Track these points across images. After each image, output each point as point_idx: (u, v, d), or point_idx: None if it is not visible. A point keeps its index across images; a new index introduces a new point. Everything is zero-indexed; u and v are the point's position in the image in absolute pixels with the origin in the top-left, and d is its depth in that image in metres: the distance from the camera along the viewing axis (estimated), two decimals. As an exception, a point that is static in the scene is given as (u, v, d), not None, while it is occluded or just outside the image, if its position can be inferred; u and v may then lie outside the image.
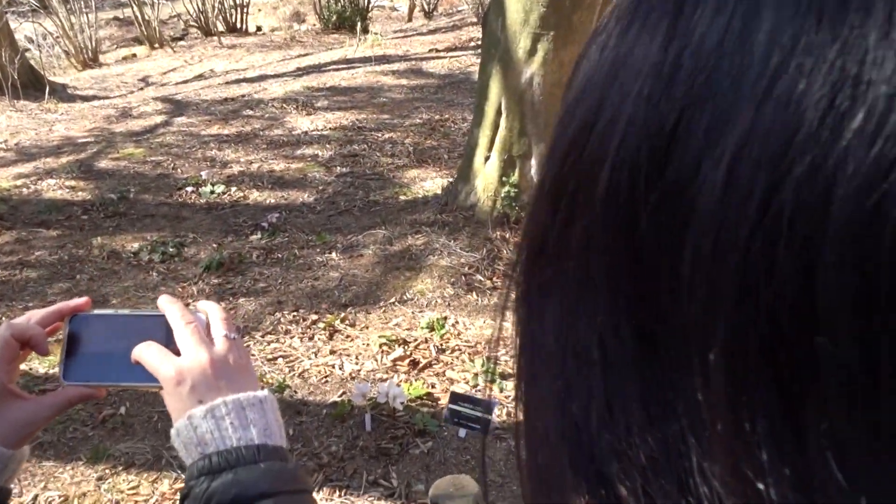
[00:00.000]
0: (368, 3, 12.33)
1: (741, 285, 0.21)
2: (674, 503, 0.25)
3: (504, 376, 2.94)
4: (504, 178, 3.99)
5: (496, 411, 2.57)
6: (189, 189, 4.90)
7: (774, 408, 0.21)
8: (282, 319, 3.35)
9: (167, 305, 0.69)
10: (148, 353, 0.65)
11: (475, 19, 10.97)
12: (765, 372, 0.21)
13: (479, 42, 9.24)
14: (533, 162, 3.95)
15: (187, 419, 0.58)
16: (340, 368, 2.99)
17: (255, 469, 0.55)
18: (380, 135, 5.87)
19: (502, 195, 3.99)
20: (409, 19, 12.97)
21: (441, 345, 3.15)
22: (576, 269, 0.26)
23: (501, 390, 2.86)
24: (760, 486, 0.22)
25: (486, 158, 4.06)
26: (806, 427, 0.21)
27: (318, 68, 8.41)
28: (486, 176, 4.06)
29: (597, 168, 0.24)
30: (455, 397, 2.52)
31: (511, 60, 3.78)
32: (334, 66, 8.40)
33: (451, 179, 4.58)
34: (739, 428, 0.22)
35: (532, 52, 3.69)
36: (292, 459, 0.59)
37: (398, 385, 2.72)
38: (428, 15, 12.62)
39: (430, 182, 4.85)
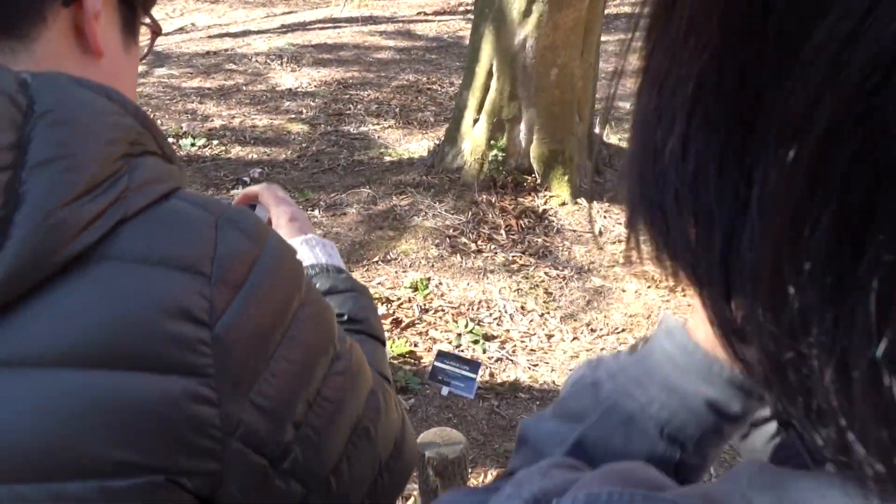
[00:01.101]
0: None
1: (861, 80, 0.20)
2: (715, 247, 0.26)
3: (487, 337, 2.93)
4: (492, 142, 3.95)
5: (479, 372, 2.56)
6: (169, 140, 4.79)
7: (841, 220, 0.21)
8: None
9: (272, 188, 0.96)
10: (271, 193, 0.94)
11: (464, -16, 10.81)
12: (844, 180, 0.21)
13: (470, 8, 9.11)
14: (522, 126, 3.91)
15: (300, 242, 0.88)
16: (322, 324, 2.95)
17: (343, 276, 0.85)
18: (365, 94, 5.77)
19: (490, 158, 3.95)
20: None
21: (424, 305, 3.13)
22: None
23: (485, 351, 2.85)
24: (791, 289, 0.22)
25: (475, 121, 4.01)
26: (863, 244, 0.21)
27: (303, 26, 8.24)
28: (474, 139, 4.01)
29: None
30: (442, 355, 2.50)
31: (505, 21, 3.72)
32: (320, 25, 8.24)
33: (437, 142, 4.53)
34: (799, 228, 0.22)
35: (527, 13, 3.63)
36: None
37: (381, 342, 2.70)
38: (416, -22, 12.40)
39: (415, 144, 4.79)
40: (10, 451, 0.47)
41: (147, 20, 0.68)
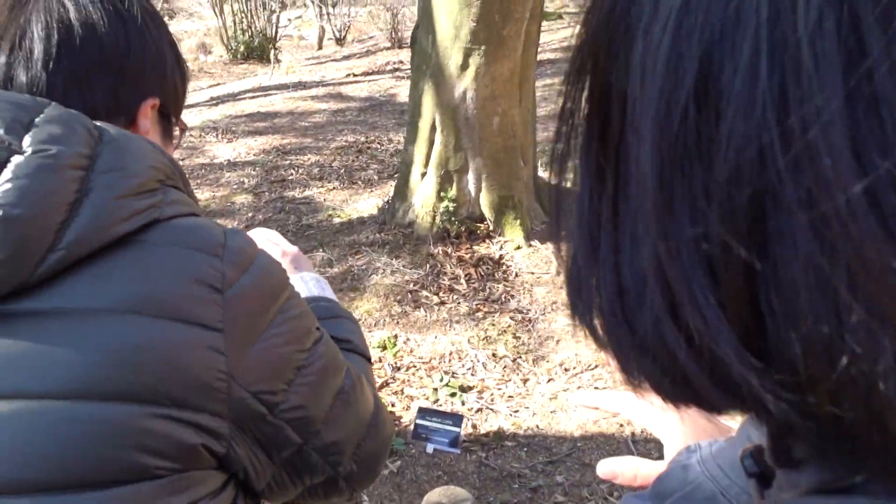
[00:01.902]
0: (276, 32, 12.20)
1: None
2: None
3: (464, 389, 2.91)
4: (442, 194, 3.99)
5: (463, 424, 2.53)
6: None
7: None
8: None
9: (263, 231, 1.09)
10: (276, 236, 1.08)
11: (389, 44, 11.03)
12: None
13: (397, 67, 9.28)
14: (470, 176, 3.97)
15: (297, 278, 1.03)
16: (294, 395, 2.88)
17: (330, 305, 0.99)
18: (306, 158, 5.77)
19: (441, 210, 3.99)
20: (319, 47, 12.90)
21: (395, 363, 3.09)
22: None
23: (464, 403, 2.82)
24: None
25: (423, 175, 4.05)
26: None
27: (233, 97, 8.23)
28: (423, 192, 4.04)
29: None
30: (423, 412, 2.47)
31: (443, 76, 3.80)
32: (251, 94, 8.24)
33: (386, 199, 4.54)
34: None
35: (464, 66, 3.72)
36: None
37: (359, 406, 2.65)
38: (340, 42, 12.59)
39: (363, 203, 4.80)
40: (73, 378, 0.61)
41: (177, 123, 0.90)
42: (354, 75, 8.86)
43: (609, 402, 0.71)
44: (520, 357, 3.13)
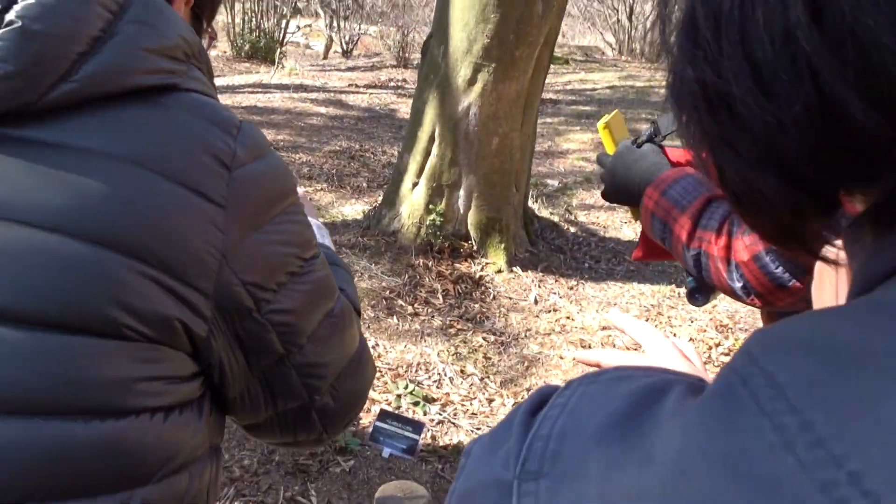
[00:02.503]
0: (284, 36, 12.22)
1: None
2: None
3: (428, 399, 2.83)
4: (430, 206, 3.94)
5: (422, 434, 2.45)
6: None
7: None
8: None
9: None
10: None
11: (395, 62, 11.08)
12: None
13: (400, 84, 9.31)
14: (461, 192, 3.93)
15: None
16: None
17: (328, 252, 0.93)
18: (297, 157, 5.71)
19: (427, 223, 3.94)
20: (325, 56, 12.93)
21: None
22: None
23: (425, 413, 2.74)
24: None
25: (414, 185, 4.00)
26: None
27: (232, 89, 8.18)
28: (412, 202, 4.00)
29: None
30: (384, 415, 2.39)
31: (449, 88, 3.78)
32: (250, 89, 8.20)
33: (373, 206, 4.49)
34: None
35: (472, 81, 3.71)
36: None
37: (319, 400, 2.56)
38: (346, 54, 12.63)
39: (349, 207, 4.74)
40: (64, 213, 0.59)
41: (208, 29, 0.90)
42: (357, 86, 8.87)
43: (636, 329, 0.68)
44: (488, 377, 3.07)
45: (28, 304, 0.58)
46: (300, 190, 1.06)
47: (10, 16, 0.58)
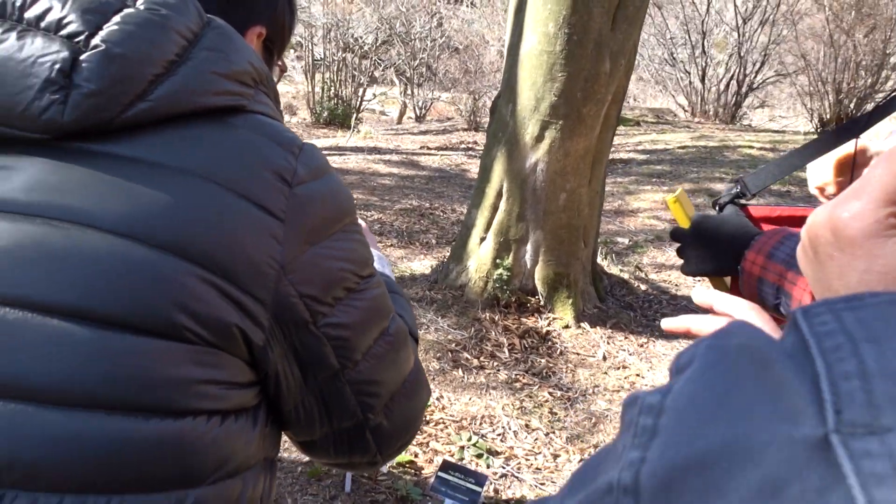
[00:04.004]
0: (360, 103, 12.70)
1: None
2: None
3: (492, 452, 2.79)
4: (498, 261, 3.96)
5: (485, 486, 2.41)
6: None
7: None
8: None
9: None
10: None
11: (466, 126, 11.33)
12: None
13: (471, 146, 9.49)
14: (528, 247, 3.94)
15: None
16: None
17: (389, 280, 0.98)
18: (369, 214, 5.86)
19: (494, 277, 3.95)
20: (399, 121, 13.34)
21: (426, 416, 3.00)
22: None
23: (489, 466, 2.70)
24: None
25: (482, 240, 4.04)
26: None
27: (309, 151, 8.51)
28: (479, 257, 4.03)
29: None
30: (447, 465, 2.37)
31: (517, 145, 3.84)
32: (326, 152, 8.51)
33: (440, 261, 4.54)
34: None
35: (539, 138, 3.76)
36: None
37: (382, 448, 2.55)
38: (419, 119, 13.00)
39: (417, 263, 4.80)
40: (136, 221, 0.63)
41: (279, 62, 0.97)
42: (428, 148, 9.09)
43: (727, 304, 0.70)
44: (553, 432, 3.00)
45: (96, 304, 0.61)
46: (361, 222, 1.12)
47: (95, 40, 0.64)
